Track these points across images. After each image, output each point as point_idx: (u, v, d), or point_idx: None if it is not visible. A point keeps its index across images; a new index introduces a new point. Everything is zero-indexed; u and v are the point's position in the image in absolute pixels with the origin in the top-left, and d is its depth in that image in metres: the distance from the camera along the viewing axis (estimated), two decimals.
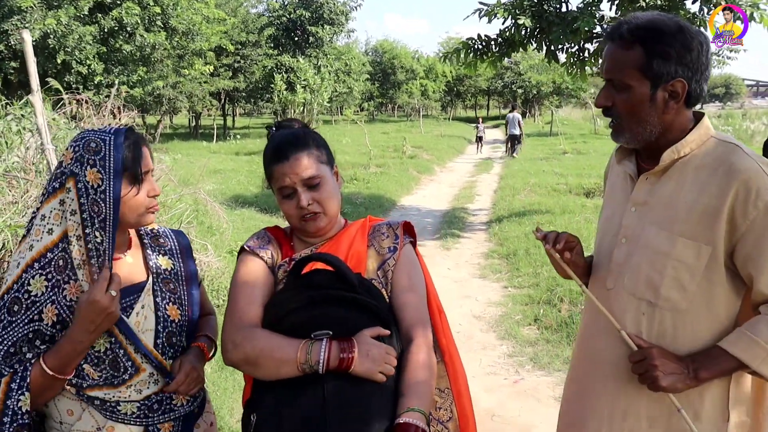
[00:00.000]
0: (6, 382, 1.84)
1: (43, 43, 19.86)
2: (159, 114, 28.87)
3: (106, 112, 6.98)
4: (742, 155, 1.90)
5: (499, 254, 9.50)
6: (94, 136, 1.94)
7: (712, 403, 1.98)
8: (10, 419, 1.82)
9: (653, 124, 1.96)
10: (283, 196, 2.11)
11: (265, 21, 36.57)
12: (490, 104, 73.14)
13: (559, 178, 16.70)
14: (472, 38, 11.09)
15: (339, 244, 2.16)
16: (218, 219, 8.81)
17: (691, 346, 1.96)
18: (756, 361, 1.86)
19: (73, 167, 1.91)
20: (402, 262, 2.15)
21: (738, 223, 1.86)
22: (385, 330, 1.95)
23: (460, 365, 2.21)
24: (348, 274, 1.97)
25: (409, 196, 16.05)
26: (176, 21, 23.18)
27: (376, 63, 52.48)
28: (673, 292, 1.96)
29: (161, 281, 2.15)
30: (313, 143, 2.14)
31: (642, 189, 2.07)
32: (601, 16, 10.41)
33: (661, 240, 1.98)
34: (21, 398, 1.83)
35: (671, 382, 1.90)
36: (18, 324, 1.86)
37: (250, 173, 17.47)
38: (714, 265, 1.91)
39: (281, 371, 1.88)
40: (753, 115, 38.37)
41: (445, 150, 27.43)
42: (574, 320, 6.35)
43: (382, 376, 1.88)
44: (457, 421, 2.14)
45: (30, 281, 1.88)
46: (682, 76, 1.90)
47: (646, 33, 1.90)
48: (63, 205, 1.91)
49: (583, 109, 47.63)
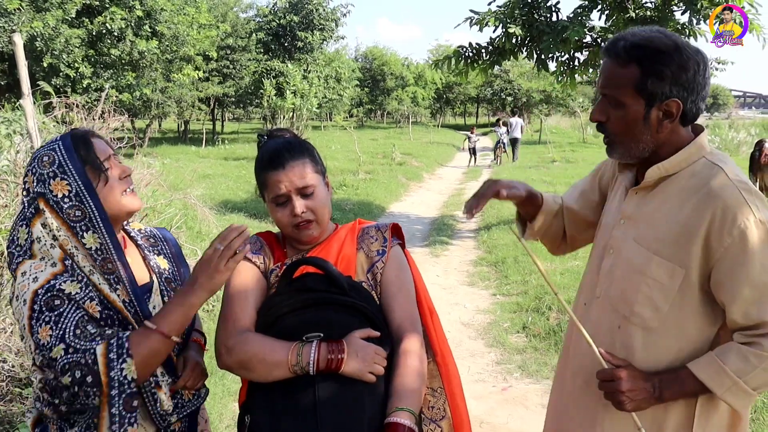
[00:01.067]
0: (103, 353, 1.79)
1: (30, 46, 19.75)
2: (148, 118, 28.74)
3: (96, 115, 6.96)
4: (723, 179, 1.88)
5: (488, 262, 9.53)
6: (44, 150, 1.95)
7: (676, 422, 1.97)
8: (117, 391, 1.78)
9: (646, 141, 1.96)
10: (277, 204, 2.12)
11: (255, 26, 36.51)
12: (479, 112, 73.25)
13: (548, 187, 16.73)
14: (464, 46, 11.14)
15: (329, 247, 2.18)
16: (207, 224, 8.80)
17: (655, 365, 1.96)
18: (721, 389, 1.85)
19: (38, 188, 1.91)
20: (390, 264, 2.18)
21: (713, 248, 1.84)
22: (374, 332, 1.98)
23: (453, 365, 2.23)
24: (338, 278, 2.01)
25: (398, 202, 16.06)
26: (163, 26, 23.10)
27: (365, 69, 52.45)
28: (646, 309, 1.96)
29: (164, 281, 2.18)
30: (307, 152, 2.17)
31: (630, 203, 2.08)
32: (591, 26, 10.48)
33: (639, 256, 1.98)
34: (123, 366, 1.78)
35: (636, 405, 1.92)
36: (67, 310, 1.83)
37: (239, 178, 17.44)
38: (687, 288, 1.90)
39: (273, 374, 1.91)
40: (739, 125, 38.58)
41: (434, 157, 27.48)
42: (562, 328, 6.37)
43: (371, 377, 1.91)
44: (450, 420, 2.17)
45: (62, 284, 1.86)
46: (677, 96, 1.88)
47: (642, 52, 1.88)
48: (46, 228, 1.90)
49: (572, 118, 47.74)
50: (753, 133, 32.50)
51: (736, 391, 1.85)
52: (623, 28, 10.01)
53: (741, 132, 33.91)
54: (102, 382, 1.76)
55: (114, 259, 1.94)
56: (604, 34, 10.58)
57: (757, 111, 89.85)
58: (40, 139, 5.25)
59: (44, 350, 1.78)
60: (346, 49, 47.32)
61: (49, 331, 1.79)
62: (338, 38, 40.17)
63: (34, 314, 1.81)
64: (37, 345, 1.79)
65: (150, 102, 25.49)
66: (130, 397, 1.80)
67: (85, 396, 1.78)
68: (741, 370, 1.82)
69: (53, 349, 1.77)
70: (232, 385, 4.93)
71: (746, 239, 1.80)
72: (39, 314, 1.80)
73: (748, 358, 1.82)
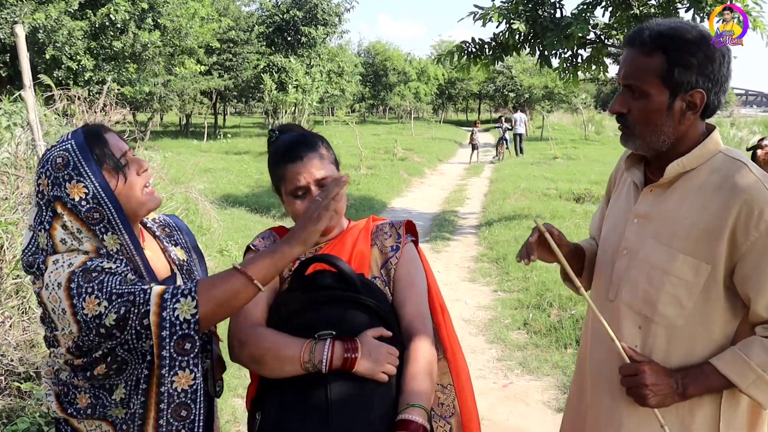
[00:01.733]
0: (158, 294, 1.75)
1: (32, 38, 19.72)
2: (150, 112, 28.73)
3: (98, 108, 6.95)
4: (747, 173, 1.87)
5: (489, 258, 9.52)
6: (57, 151, 1.88)
7: (702, 422, 1.96)
8: (168, 332, 1.73)
9: (667, 134, 1.93)
10: (295, 196, 2.11)
11: (257, 19, 36.45)
12: (481, 108, 73.21)
13: (550, 183, 16.72)
14: (467, 41, 11.12)
15: (343, 243, 2.19)
16: (209, 218, 8.79)
17: (683, 363, 1.95)
18: (745, 383, 1.85)
19: (54, 191, 1.84)
20: (404, 260, 2.19)
21: (739, 243, 1.83)
22: (387, 332, 1.97)
23: (463, 362, 2.23)
24: (350, 275, 2.01)
25: (400, 198, 16.05)
26: (166, 19, 23.05)
27: (368, 65, 52.39)
28: (670, 308, 1.94)
29: (185, 273, 2.16)
30: (323, 145, 2.18)
31: (645, 201, 2.04)
32: (595, 23, 10.45)
33: (661, 255, 1.95)
34: (177, 306, 1.73)
35: (660, 401, 1.90)
36: (109, 277, 1.78)
37: (240, 173, 17.44)
38: (712, 283, 1.89)
39: (285, 369, 1.91)
40: (741, 123, 38.56)
41: (435, 153, 27.45)
42: (563, 325, 6.36)
43: (384, 376, 1.91)
44: (459, 417, 2.18)
45: (101, 263, 1.81)
46: (701, 87, 1.86)
47: (668, 40, 1.85)
48: (67, 229, 1.85)
49: (575, 115, 47.71)
50: (755, 131, 32.45)
51: (760, 385, 1.84)
52: (627, 25, 9.99)
53: (743, 130, 33.87)
54: (152, 322, 1.72)
55: (136, 260, 1.91)
56: (608, 30, 10.55)
57: (759, 109, 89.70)
58: (41, 131, 5.24)
59: (97, 320, 1.73)
60: (349, 44, 47.14)
61: (96, 300, 1.74)
62: (341, 33, 40.14)
63: (73, 292, 1.75)
64: (85, 321, 1.74)
65: (152, 95, 25.46)
66: (183, 339, 1.74)
67: (136, 337, 1.74)
68: (765, 363, 1.82)
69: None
70: (231, 380, 4.92)
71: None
72: (78, 289, 1.75)
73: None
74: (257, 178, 16.55)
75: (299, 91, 27.12)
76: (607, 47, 10.85)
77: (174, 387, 1.76)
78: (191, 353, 1.76)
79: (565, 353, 5.83)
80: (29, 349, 4.53)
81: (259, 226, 9.79)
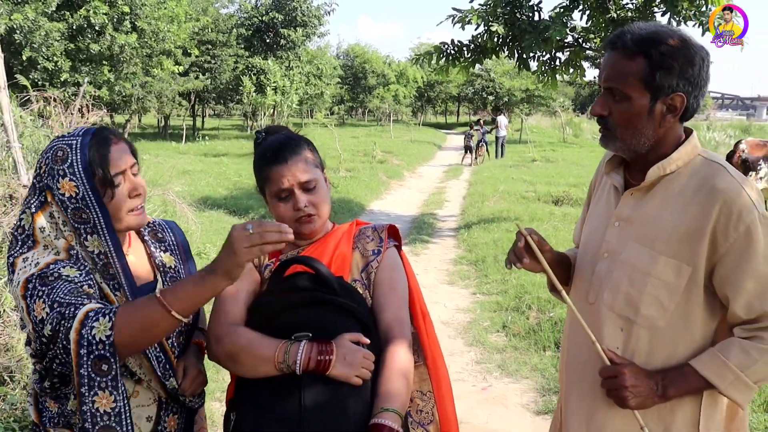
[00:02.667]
0: (84, 313, 1.73)
1: (9, 39, 19.54)
2: (128, 113, 28.54)
3: (74, 110, 6.89)
4: (725, 176, 1.90)
5: (468, 260, 9.53)
6: (62, 142, 1.90)
7: (683, 422, 1.98)
8: (86, 350, 1.70)
9: (647, 136, 1.95)
10: (279, 198, 2.12)
11: (236, 21, 36.32)
12: (460, 110, 73.41)
13: (528, 186, 16.81)
14: (445, 42, 11.13)
15: (325, 246, 2.18)
16: (186, 220, 8.73)
17: (665, 363, 1.97)
18: (724, 384, 1.88)
19: (48, 180, 1.88)
20: (384, 265, 2.18)
21: (719, 244, 1.86)
22: (365, 338, 1.96)
23: (444, 369, 2.23)
24: (328, 278, 2.01)
25: (379, 200, 16.04)
26: (144, 22, 22.92)
27: (347, 67, 52.40)
28: (652, 309, 1.96)
29: (169, 279, 2.15)
30: (308, 147, 2.20)
31: (626, 204, 2.06)
32: (573, 26, 10.51)
33: (643, 257, 1.97)
34: (95, 325, 1.70)
35: (640, 402, 1.92)
36: (61, 284, 1.79)
37: (219, 175, 17.35)
38: (693, 284, 1.92)
39: (260, 369, 1.91)
40: (717, 126, 38.95)
41: (415, 155, 27.48)
42: (542, 327, 6.38)
43: (358, 380, 1.90)
44: (438, 424, 2.17)
45: (61, 268, 1.82)
46: (682, 90, 1.89)
47: (650, 44, 1.88)
48: (53, 218, 1.87)
49: (553, 118, 47.94)
50: (730, 135, 32.78)
51: (738, 385, 1.88)
52: (604, 29, 10.06)
53: (718, 133, 34.21)
54: (72, 339, 1.71)
55: (116, 267, 1.91)
56: (586, 34, 10.61)
57: (735, 113, 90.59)
58: (15, 132, 5.18)
59: (41, 326, 1.75)
60: (329, 47, 47.01)
61: (42, 304, 1.75)
62: (321, 35, 40.07)
63: (27, 292, 1.77)
64: (35, 324, 1.76)
65: (130, 97, 25.31)
66: (100, 360, 1.72)
67: (64, 352, 1.74)
68: (743, 363, 1.86)
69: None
70: (211, 384, 4.87)
71: (751, 234, 1.84)
72: (33, 291, 1.77)
73: (749, 352, 1.86)
74: (236, 181, 16.48)
75: (278, 93, 27.04)
76: (585, 50, 10.93)
77: (95, 407, 1.74)
78: (108, 375, 1.74)
79: (543, 356, 5.85)
80: (3, 352, 4.47)
81: None
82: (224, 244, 1.70)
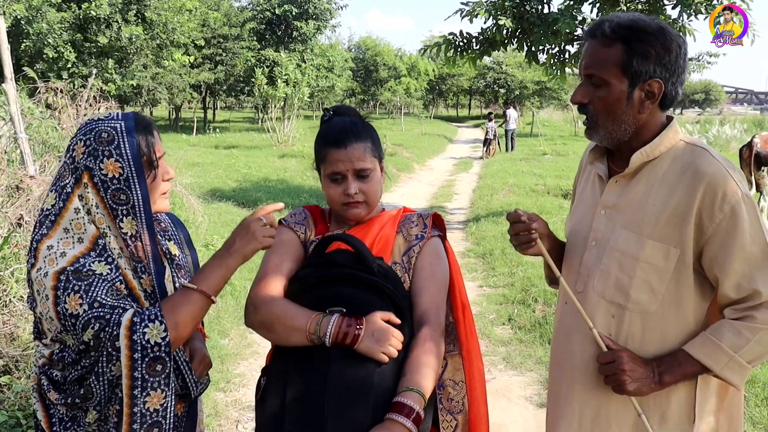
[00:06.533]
0: (129, 318, 1.79)
1: (15, 30, 19.60)
2: (138, 105, 28.60)
3: (83, 102, 6.92)
4: (709, 158, 1.94)
5: (476, 253, 9.53)
6: (104, 125, 1.93)
7: (678, 406, 2.01)
8: (140, 354, 1.78)
9: (628, 123, 1.99)
10: (332, 180, 2.18)
11: (248, 15, 36.32)
12: (471, 104, 73.19)
13: (538, 179, 16.75)
14: (453, 33, 11.09)
15: (370, 228, 2.24)
16: (193, 212, 8.76)
17: (659, 348, 1.99)
18: (719, 366, 1.90)
19: (87, 162, 1.89)
20: (426, 251, 2.22)
21: (705, 226, 1.89)
22: (396, 319, 2.00)
23: (479, 361, 2.25)
24: (366, 256, 2.08)
25: (388, 193, 16.02)
26: (152, 12, 22.93)
27: (358, 60, 52.26)
28: (643, 294, 1.98)
29: (175, 267, 2.21)
30: (369, 136, 2.23)
31: (612, 192, 2.09)
32: (582, 19, 10.46)
33: (630, 243, 2.00)
34: (146, 330, 1.79)
35: (637, 387, 1.94)
36: (98, 282, 1.83)
37: (228, 167, 17.37)
38: (682, 267, 1.94)
39: (292, 338, 1.99)
40: (731, 121, 38.70)
41: (425, 148, 27.45)
42: (547, 320, 6.38)
43: (384, 357, 1.94)
44: (467, 415, 2.20)
45: (91, 264, 1.85)
46: (659, 76, 1.93)
47: (627, 31, 1.93)
48: (83, 200, 1.89)
49: (564, 111, 47.80)
50: (742, 129, 32.53)
51: (732, 366, 1.90)
52: None
53: (730, 127, 33.96)
54: (123, 345, 1.77)
55: (146, 249, 1.96)
56: None
57: (749, 107, 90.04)
58: (23, 123, 5.20)
59: (73, 319, 1.78)
60: (340, 39, 46.95)
61: (79, 300, 1.78)
62: (333, 27, 40.05)
63: (60, 284, 1.80)
64: (63, 316, 1.79)
65: (140, 88, 25.36)
66: (154, 361, 1.80)
67: (107, 359, 1.78)
68: (735, 344, 1.89)
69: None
70: (213, 374, 4.90)
71: (736, 214, 1.87)
72: (66, 284, 1.80)
73: (741, 332, 1.89)
74: (245, 173, 16.50)
75: (289, 85, 27.03)
76: None
77: (146, 407, 1.81)
78: (162, 374, 1.83)
79: (548, 349, 5.82)
80: (9, 342, 4.50)
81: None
82: (238, 232, 1.97)
